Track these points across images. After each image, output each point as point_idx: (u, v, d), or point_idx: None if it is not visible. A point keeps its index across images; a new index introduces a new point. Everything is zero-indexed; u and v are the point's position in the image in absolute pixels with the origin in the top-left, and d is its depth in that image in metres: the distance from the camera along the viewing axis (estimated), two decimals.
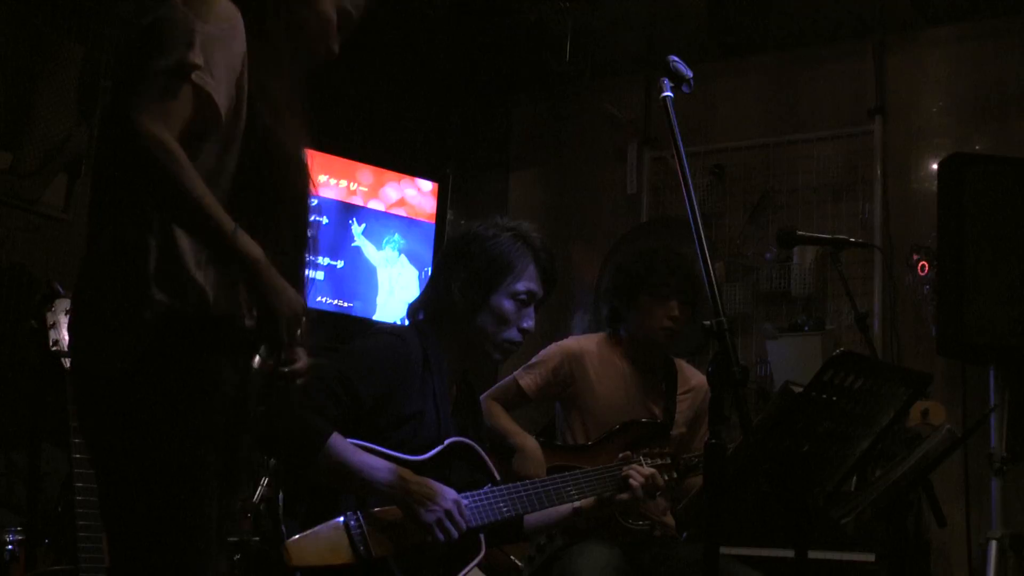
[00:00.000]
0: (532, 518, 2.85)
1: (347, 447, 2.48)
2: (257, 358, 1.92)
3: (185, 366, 1.80)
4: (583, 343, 3.51)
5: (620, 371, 3.44)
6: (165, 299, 1.77)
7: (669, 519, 3.41)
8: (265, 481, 3.05)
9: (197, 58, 1.75)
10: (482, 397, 3.20)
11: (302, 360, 1.97)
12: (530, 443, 3.22)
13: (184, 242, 1.80)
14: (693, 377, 3.54)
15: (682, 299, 3.34)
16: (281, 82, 1.94)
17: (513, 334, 2.77)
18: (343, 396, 2.55)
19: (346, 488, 2.52)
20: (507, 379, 3.46)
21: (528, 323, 2.78)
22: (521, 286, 2.76)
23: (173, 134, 1.71)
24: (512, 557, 3.07)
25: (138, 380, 1.77)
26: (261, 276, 1.79)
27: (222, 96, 1.80)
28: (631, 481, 2.92)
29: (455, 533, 2.55)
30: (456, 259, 2.81)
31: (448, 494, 2.56)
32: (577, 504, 2.88)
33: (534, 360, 3.46)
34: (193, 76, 1.75)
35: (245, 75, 1.86)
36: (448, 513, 2.53)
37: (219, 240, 1.75)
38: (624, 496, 2.92)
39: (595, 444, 3.30)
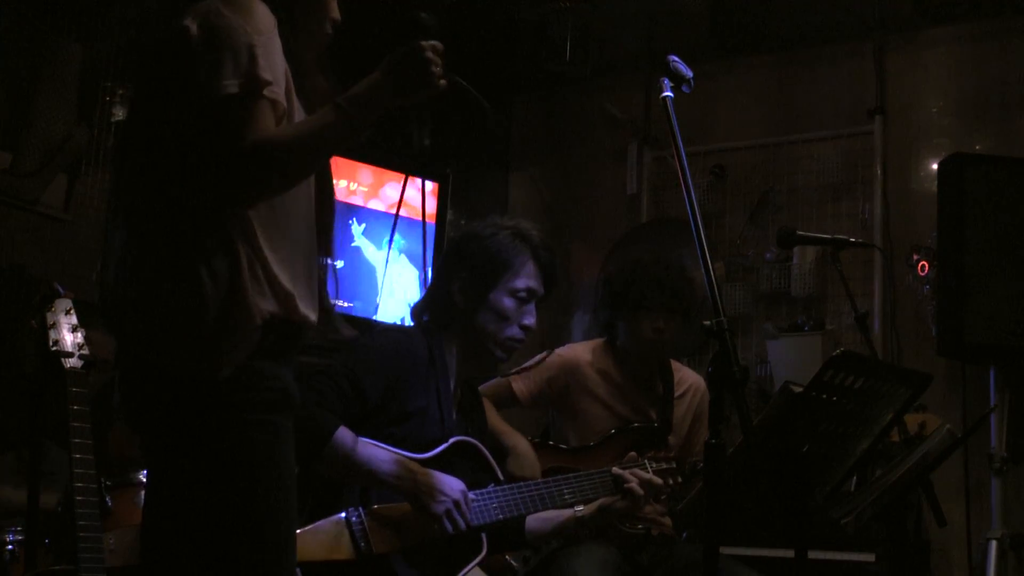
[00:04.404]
0: (533, 527, 2.85)
1: (354, 441, 2.49)
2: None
3: (271, 369, 1.85)
4: (579, 352, 3.49)
5: (616, 379, 3.42)
6: (269, 307, 1.82)
7: (666, 520, 3.41)
8: None
9: (266, 72, 1.78)
10: None
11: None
12: (523, 444, 3.19)
13: (268, 251, 1.84)
14: (688, 378, 3.53)
15: (667, 310, 3.31)
16: (318, 77, 1.99)
17: (515, 331, 2.77)
18: (349, 391, 2.57)
19: (353, 481, 2.53)
20: (500, 379, 3.42)
21: (529, 320, 2.78)
22: (520, 283, 2.76)
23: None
24: (507, 557, 3.06)
25: (240, 383, 1.80)
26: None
27: (285, 101, 1.84)
28: (630, 487, 2.89)
29: (463, 525, 2.55)
30: (456, 259, 2.81)
31: (455, 485, 2.56)
32: (580, 513, 2.87)
33: (529, 364, 3.44)
34: (266, 92, 1.77)
35: (288, 76, 1.89)
36: (457, 504, 2.54)
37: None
38: (624, 504, 2.90)
39: (592, 447, 3.29)
